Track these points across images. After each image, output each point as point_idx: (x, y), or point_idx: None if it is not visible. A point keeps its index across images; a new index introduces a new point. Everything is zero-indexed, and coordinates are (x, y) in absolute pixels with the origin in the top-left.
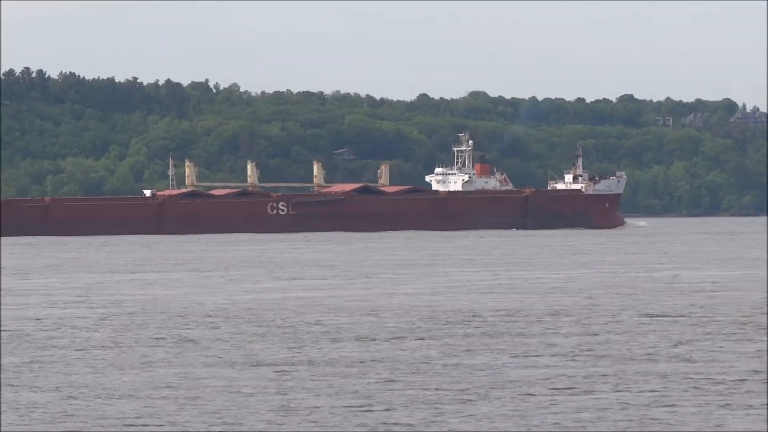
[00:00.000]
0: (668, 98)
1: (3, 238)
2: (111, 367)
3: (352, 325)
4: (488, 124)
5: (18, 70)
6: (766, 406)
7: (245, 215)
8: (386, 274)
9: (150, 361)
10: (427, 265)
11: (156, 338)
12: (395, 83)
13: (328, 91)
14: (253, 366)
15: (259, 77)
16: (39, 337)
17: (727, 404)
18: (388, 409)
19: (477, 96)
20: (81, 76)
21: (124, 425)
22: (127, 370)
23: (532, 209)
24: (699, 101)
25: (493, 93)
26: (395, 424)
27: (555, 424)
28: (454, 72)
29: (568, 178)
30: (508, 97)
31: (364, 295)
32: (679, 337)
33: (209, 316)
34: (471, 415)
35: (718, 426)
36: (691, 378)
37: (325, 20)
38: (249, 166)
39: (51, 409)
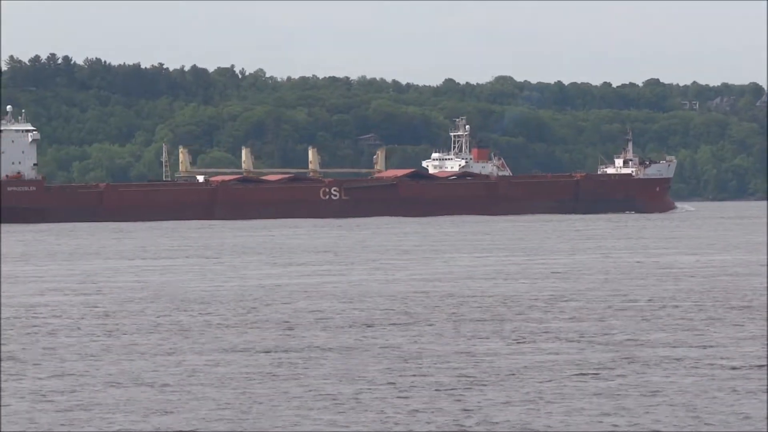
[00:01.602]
0: (694, 82)
1: (60, 224)
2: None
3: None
4: (514, 108)
5: (44, 56)
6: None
7: (297, 201)
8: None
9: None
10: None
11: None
12: (421, 68)
13: (354, 76)
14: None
15: (285, 63)
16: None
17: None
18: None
19: (503, 81)
20: (107, 63)
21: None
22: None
23: (582, 194)
24: (725, 85)
25: (519, 78)
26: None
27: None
28: (479, 57)
29: (618, 162)
30: (534, 81)
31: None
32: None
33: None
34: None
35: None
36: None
37: (351, 7)
38: (243, 153)
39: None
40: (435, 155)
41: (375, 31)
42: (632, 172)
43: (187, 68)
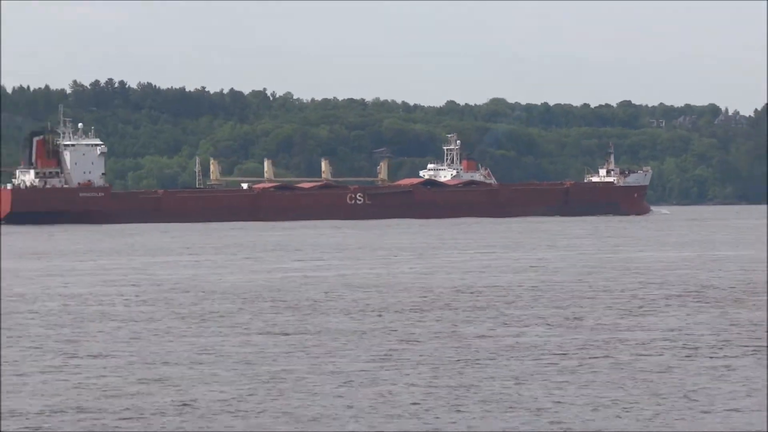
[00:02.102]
0: (661, 103)
1: (124, 225)
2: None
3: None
4: (503, 126)
5: (102, 81)
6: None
7: (327, 205)
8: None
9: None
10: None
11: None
12: (427, 91)
13: (368, 98)
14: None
15: (310, 86)
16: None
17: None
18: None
19: (497, 102)
20: (157, 86)
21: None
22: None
23: (571, 199)
24: (688, 106)
25: (511, 99)
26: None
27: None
28: (477, 81)
29: (602, 172)
30: (523, 103)
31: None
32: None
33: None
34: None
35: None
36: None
37: (367, 35)
38: (265, 164)
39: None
40: (430, 166)
41: (387, 58)
42: (614, 180)
43: (225, 91)
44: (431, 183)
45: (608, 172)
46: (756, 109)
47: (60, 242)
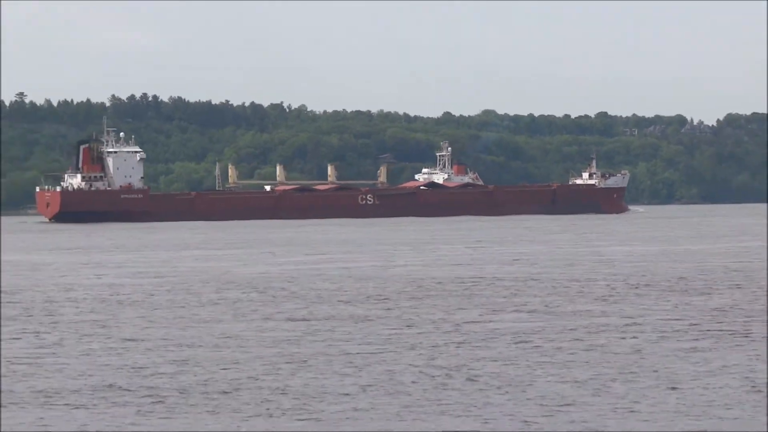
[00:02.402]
0: (634, 114)
1: (161, 223)
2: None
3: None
4: (496, 134)
5: (138, 95)
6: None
7: (341, 205)
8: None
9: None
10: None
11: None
12: (425, 103)
13: (374, 109)
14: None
15: (322, 100)
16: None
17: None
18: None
19: (488, 113)
20: (186, 99)
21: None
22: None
23: (558, 199)
24: (657, 116)
25: (500, 111)
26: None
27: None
28: (471, 94)
29: (585, 175)
30: (511, 114)
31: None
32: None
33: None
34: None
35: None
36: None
37: (372, 53)
38: (278, 168)
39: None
40: (425, 170)
41: (391, 75)
42: (596, 183)
43: (247, 104)
44: (433, 185)
45: (590, 176)
46: (718, 119)
47: (100, 239)
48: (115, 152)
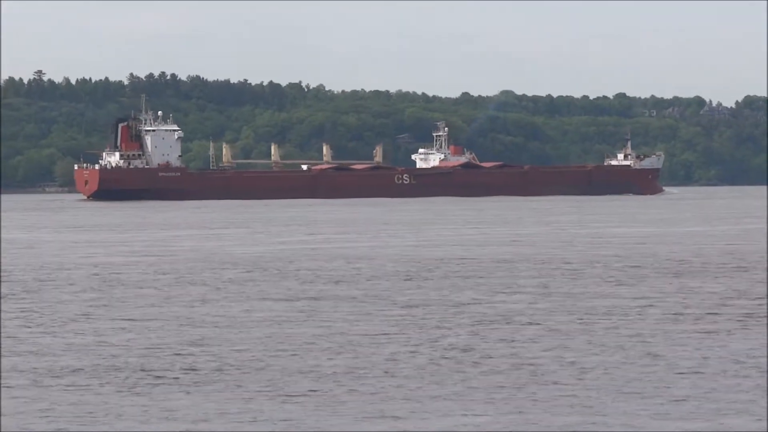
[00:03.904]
0: (653, 95)
1: (198, 201)
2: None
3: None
4: (515, 115)
5: (156, 74)
6: None
7: (378, 184)
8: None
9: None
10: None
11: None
12: (444, 83)
13: (392, 89)
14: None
15: (340, 79)
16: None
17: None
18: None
19: (506, 94)
20: (204, 78)
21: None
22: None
23: (593, 180)
24: (676, 98)
25: (518, 91)
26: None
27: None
28: (489, 74)
29: (620, 156)
30: (530, 94)
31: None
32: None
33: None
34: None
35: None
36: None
37: (390, 35)
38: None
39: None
40: (421, 150)
41: (409, 53)
42: (631, 163)
43: (265, 83)
44: (469, 165)
45: (625, 156)
46: (737, 101)
47: (135, 216)
48: (153, 130)
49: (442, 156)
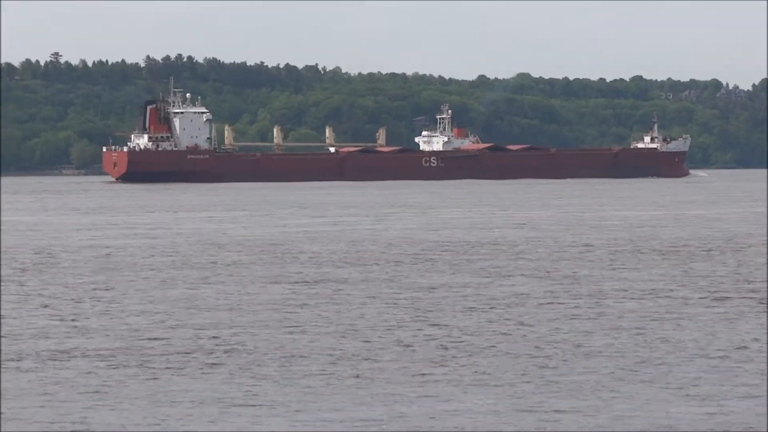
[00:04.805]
0: (669, 78)
1: (226, 183)
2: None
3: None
4: (531, 98)
5: (173, 56)
6: None
7: (405, 167)
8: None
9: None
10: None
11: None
12: (461, 66)
13: (409, 72)
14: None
15: (357, 62)
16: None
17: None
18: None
19: (523, 76)
20: (221, 61)
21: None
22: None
23: (619, 163)
24: (693, 81)
25: (535, 74)
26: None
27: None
28: (506, 57)
29: (647, 139)
30: (547, 77)
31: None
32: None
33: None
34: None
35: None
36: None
37: (406, 16)
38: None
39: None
40: (424, 132)
41: (426, 35)
42: (657, 146)
43: (281, 65)
44: (497, 148)
45: (652, 139)
46: (754, 84)
47: (157, 199)
48: (182, 113)
49: (446, 139)
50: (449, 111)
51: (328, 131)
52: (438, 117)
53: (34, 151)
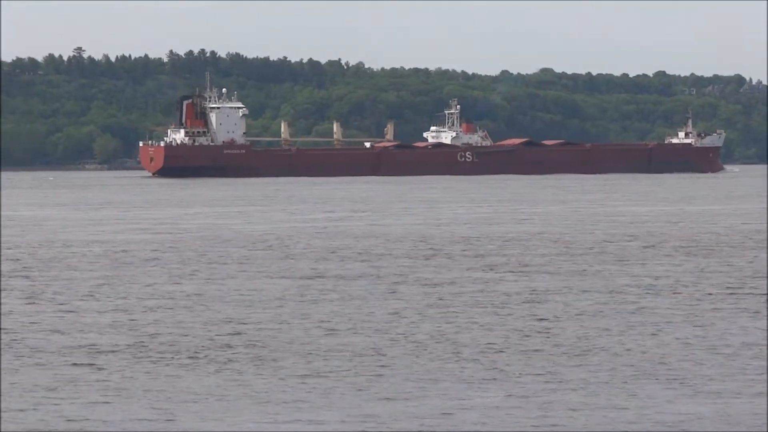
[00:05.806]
0: (692, 74)
1: (263, 178)
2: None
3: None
4: (554, 93)
5: (196, 51)
6: None
7: (441, 162)
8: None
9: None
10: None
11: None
12: (483, 61)
13: (432, 67)
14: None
15: (380, 57)
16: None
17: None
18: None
19: (546, 72)
20: (244, 56)
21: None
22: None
23: (654, 158)
24: (716, 76)
25: (558, 69)
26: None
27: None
28: (529, 52)
29: (681, 134)
30: (569, 72)
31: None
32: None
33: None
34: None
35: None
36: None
37: (429, 12)
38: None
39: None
40: (432, 128)
41: (449, 31)
42: (692, 142)
43: (305, 61)
44: (531, 143)
45: (686, 135)
46: None
47: (187, 194)
48: (218, 108)
49: (454, 134)
50: (457, 106)
51: (335, 126)
52: (446, 112)
53: (57, 145)
